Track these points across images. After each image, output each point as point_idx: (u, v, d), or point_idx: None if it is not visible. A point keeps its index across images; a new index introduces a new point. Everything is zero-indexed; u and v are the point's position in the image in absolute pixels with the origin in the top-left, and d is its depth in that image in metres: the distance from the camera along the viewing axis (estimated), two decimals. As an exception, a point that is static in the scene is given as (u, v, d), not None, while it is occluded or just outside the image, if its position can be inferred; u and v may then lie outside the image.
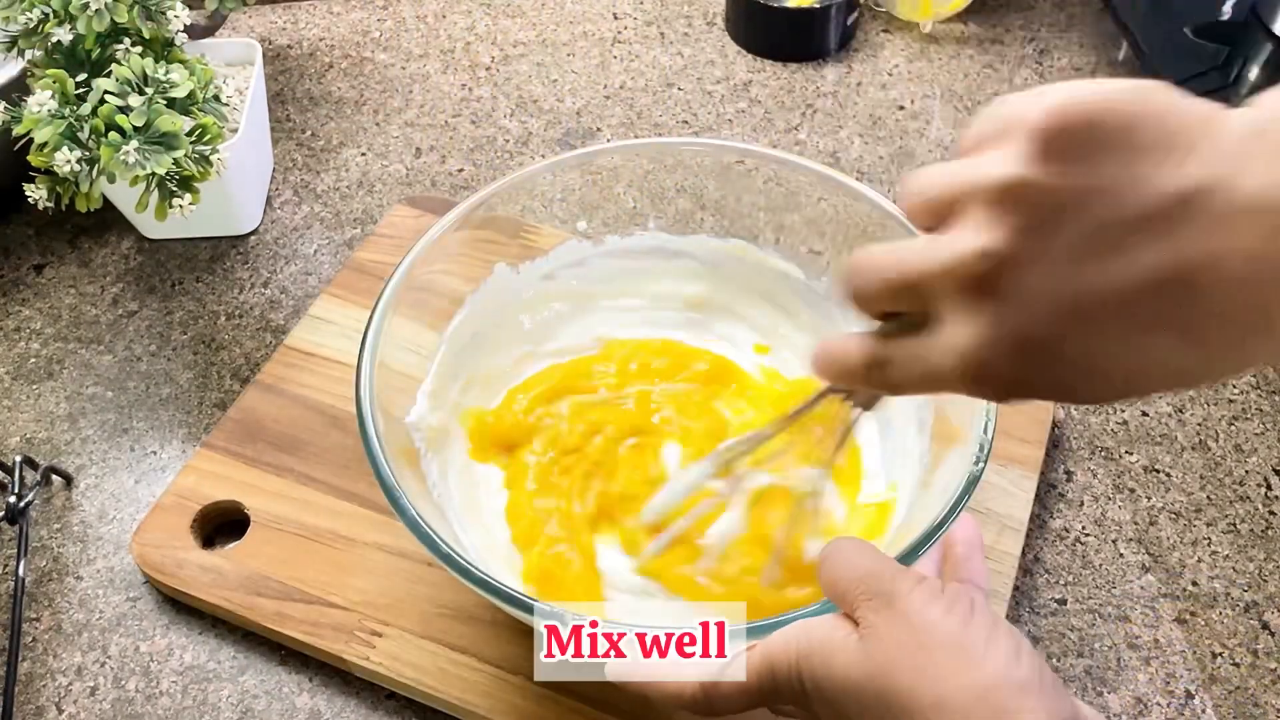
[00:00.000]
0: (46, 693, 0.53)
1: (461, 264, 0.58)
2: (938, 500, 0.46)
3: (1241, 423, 0.64)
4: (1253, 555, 0.58)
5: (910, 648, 0.34)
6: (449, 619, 0.53)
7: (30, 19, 0.61)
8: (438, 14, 0.92)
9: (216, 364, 0.66)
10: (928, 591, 0.35)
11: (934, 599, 0.35)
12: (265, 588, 0.54)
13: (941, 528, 0.43)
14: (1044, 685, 0.33)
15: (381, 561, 0.55)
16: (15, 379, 0.66)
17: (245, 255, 0.73)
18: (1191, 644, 0.55)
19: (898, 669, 0.33)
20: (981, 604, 0.35)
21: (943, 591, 0.35)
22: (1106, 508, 0.60)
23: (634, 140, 0.78)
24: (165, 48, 0.64)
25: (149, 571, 0.55)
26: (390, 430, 0.49)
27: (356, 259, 0.69)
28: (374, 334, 0.51)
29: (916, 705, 0.33)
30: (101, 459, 0.62)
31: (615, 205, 0.61)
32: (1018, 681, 0.32)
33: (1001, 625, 0.34)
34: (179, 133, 0.59)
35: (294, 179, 0.78)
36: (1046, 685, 0.33)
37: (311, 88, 0.85)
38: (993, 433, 0.46)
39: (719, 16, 0.91)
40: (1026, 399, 0.31)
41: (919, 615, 0.34)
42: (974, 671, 0.33)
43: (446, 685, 0.51)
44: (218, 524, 0.58)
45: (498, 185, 0.57)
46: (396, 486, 0.46)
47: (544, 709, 0.50)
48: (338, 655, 0.52)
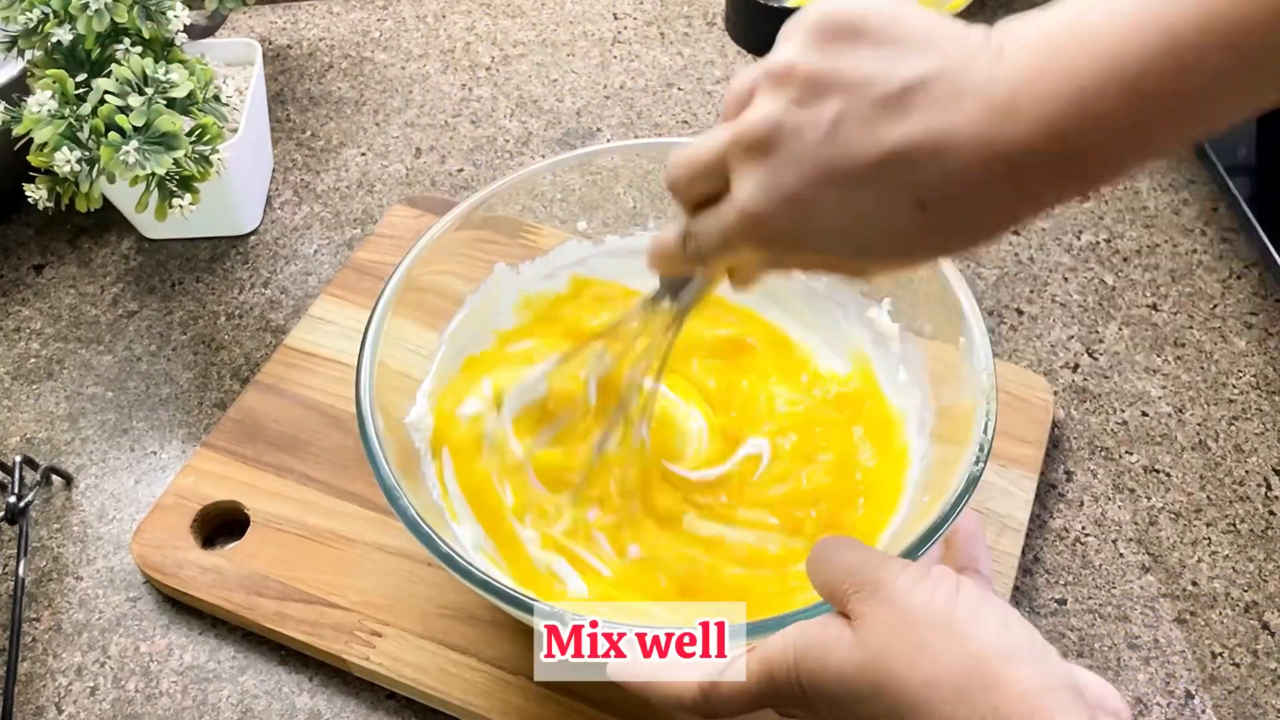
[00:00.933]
0: (46, 693, 0.53)
1: (461, 264, 0.58)
2: (938, 500, 0.46)
3: (1241, 423, 0.64)
4: (1253, 555, 0.58)
5: (899, 632, 0.34)
6: (449, 619, 0.53)
7: (30, 19, 0.61)
8: (438, 14, 0.92)
9: (216, 364, 0.66)
10: (912, 575, 0.35)
11: (919, 582, 0.35)
12: (265, 588, 0.54)
13: (942, 527, 0.43)
14: (1034, 653, 0.33)
15: (381, 561, 0.55)
16: (15, 379, 0.66)
17: (245, 255, 0.73)
18: (1191, 644, 0.55)
19: (889, 655, 0.33)
20: (970, 583, 0.35)
21: (928, 574, 0.35)
22: (1106, 508, 0.60)
23: (634, 140, 0.78)
24: (165, 48, 0.64)
25: (149, 572, 0.55)
26: (390, 430, 0.49)
27: (356, 259, 0.69)
28: (374, 334, 0.51)
29: (909, 687, 0.33)
30: (101, 459, 0.62)
31: (615, 205, 0.61)
32: (1006, 651, 0.32)
33: (990, 600, 0.34)
34: (179, 133, 0.59)
35: (294, 179, 0.78)
36: (1037, 653, 0.33)
37: (311, 88, 0.85)
38: (993, 433, 0.46)
39: (719, 16, 0.91)
40: (796, 261, 0.37)
41: (904, 599, 0.34)
42: (961, 646, 0.33)
43: (446, 685, 0.51)
44: (218, 524, 0.58)
45: (498, 185, 0.57)
46: (396, 486, 0.46)
47: (544, 709, 0.50)
48: (338, 655, 0.52)
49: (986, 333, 0.50)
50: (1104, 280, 0.72)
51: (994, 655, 0.32)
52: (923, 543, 0.43)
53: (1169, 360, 0.67)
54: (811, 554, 0.38)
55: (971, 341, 0.50)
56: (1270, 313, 0.70)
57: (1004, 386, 0.58)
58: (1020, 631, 0.33)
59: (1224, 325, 0.69)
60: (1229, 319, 0.70)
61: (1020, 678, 0.32)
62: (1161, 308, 0.70)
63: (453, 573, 0.43)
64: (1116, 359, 0.67)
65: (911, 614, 0.34)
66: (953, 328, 0.51)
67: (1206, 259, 0.73)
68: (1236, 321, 0.69)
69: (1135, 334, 0.69)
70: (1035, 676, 0.32)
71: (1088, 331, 0.69)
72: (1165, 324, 0.69)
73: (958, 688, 0.32)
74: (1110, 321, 0.69)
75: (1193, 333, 0.69)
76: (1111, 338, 0.68)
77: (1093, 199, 0.77)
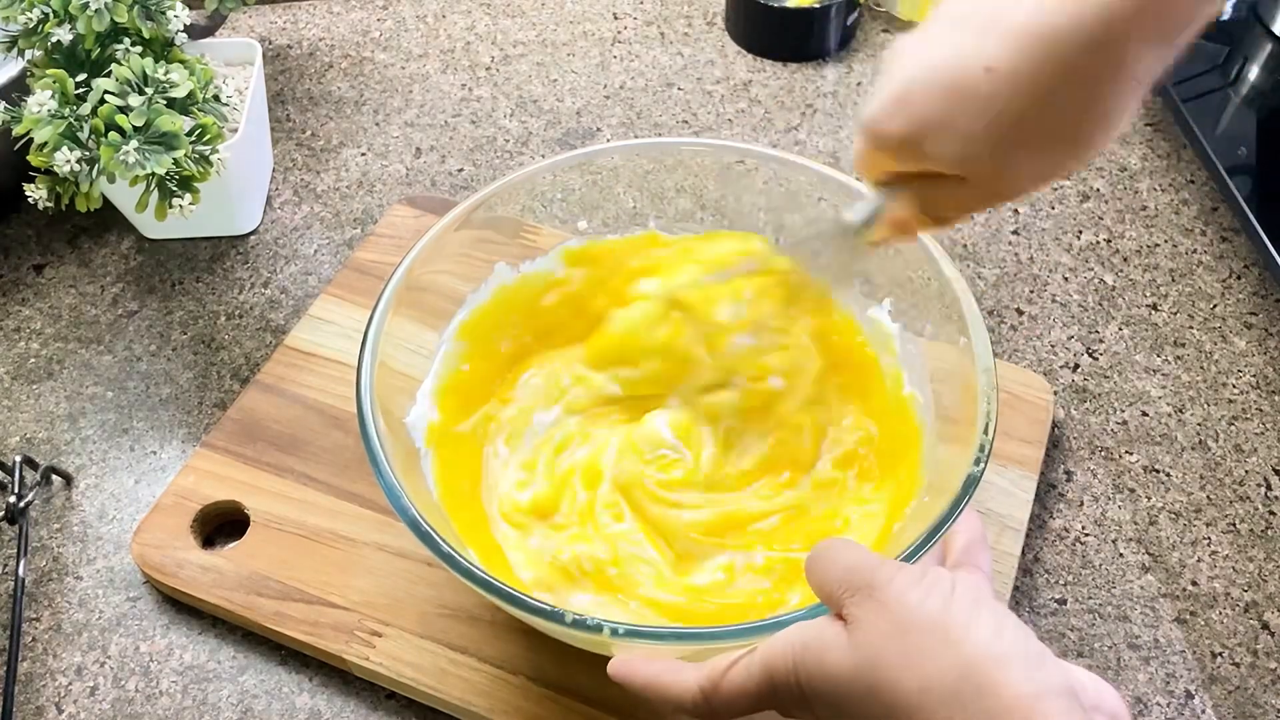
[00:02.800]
0: (46, 693, 0.53)
1: (461, 264, 0.58)
2: (938, 500, 0.46)
3: (1241, 423, 0.64)
4: (1253, 555, 0.58)
5: (894, 635, 0.33)
6: (449, 619, 0.53)
7: (30, 19, 0.61)
8: (438, 14, 0.92)
9: (216, 364, 0.66)
10: (908, 578, 0.35)
11: (914, 584, 0.34)
12: (265, 588, 0.54)
13: (942, 528, 0.43)
14: (1029, 657, 0.32)
15: (381, 561, 0.55)
16: (15, 379, 0.66)
17: (245, 255, 0.73)
18: (1191, 644, 0.55)
19: (883, 658, 0.33)
20: (965, 584, 0.35)
21: (923, 577, 0.35)
22: (1106, 508, 0.60)
23: (634, 140, 0.78)
24: (165, 48, 0.64)
25: (149, 571, 0.55)
26: (390, 430, 0.49)
27: (356, 259, 0.69)
28: (374, 334, 0.51)
29: (902, 691, 0.32)
30: (101, 459, 0.62)
31: (615, 205, 0.61)
32: (1000, 655, 0.32)
33: (985, 603, 0.34)
34: (179, 133, 0.59)
35: (294, 179, 0.78)
36: (1032, 656, 0.33)
37: (311, 88, 0.85)
38: (993, 433, 0.46)
39: (719, 16, 0.91)
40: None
41: (898, 601, 0.34)
42: (955, 650, 0.32)
43: (446, 685, 0.51)
44: (218, 524, 0.58)
45: (498, 185, 0.57)
46: (397, 486, 0.46)
47: (544, 709, 0.50)
48: (337, 655, 0.52)
49: (987, 333, 0.50)
50: (1104, 280, 0.72)
51: (987, 659, 0.32)
52: (923, 544, 0.43)
53: (1169, 360, 0.67)
54: (810, 555, 0.38)
55: (972, 342, 0.50)
56: (1270, 313, 0.70)
57: (1004, 386, 0.58)
58: (1015, 635, 0.33)
59: (1224, 325, 0.69)
60: (1229, 319, 0.70)
61: (1014, 682, 0.31)
62: (1161, 308, 0.70)
63: (454, 573, 0.43)
64: (1116, 359, 0.67)
65: (906, 617, 0.34)
66: (953, 327, 0.51)
67: (1206, 259, 0.73)
68: (1236, 321, 0.69)
69: (1135, 334, 0.69)
70: (1029, 681, 0.32)
71: (1088, 331, 0.69)
72: (1165, 324, 0.69)
73: (951, 692, 0.32)
74: (1110, 321, 0.69)
75: (1193, 333, 0.69)
76: (1111, 338, 0.68)
77: (1092, 199, 0.77)
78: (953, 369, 0.51)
